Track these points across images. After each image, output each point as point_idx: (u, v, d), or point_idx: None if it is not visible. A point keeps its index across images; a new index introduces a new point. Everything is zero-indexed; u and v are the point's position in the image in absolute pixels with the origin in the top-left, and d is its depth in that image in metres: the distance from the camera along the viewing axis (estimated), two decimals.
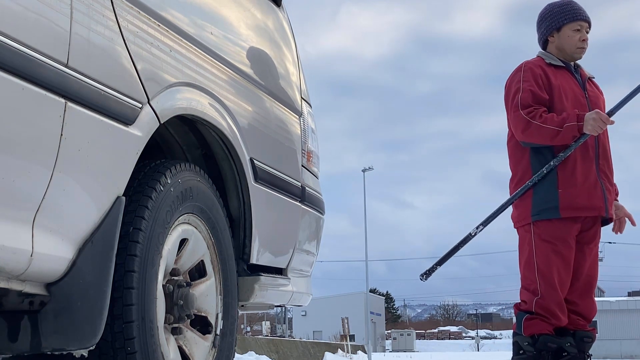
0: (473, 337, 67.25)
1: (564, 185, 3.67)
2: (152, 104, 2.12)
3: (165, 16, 2.26)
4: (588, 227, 3.74)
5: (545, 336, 3.67)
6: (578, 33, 3.78)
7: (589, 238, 3.74)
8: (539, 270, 3.67)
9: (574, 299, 3.73)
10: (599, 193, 3.68)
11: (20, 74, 1.63)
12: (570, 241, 3.68)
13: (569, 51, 3.81)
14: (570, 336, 3.69)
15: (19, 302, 1.91)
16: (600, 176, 3.71)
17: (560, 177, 3.68)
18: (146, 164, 2.24)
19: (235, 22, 2.81)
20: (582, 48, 3.80)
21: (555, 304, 3.66)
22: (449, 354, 41.84)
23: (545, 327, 3.68)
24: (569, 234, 3.68)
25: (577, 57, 3.83)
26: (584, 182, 3.68)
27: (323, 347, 22.07)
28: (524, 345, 3.70)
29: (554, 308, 3.66)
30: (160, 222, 2.18)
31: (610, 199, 3.74)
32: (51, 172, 1.75)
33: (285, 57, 3.24)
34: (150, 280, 2.12)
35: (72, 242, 1.86)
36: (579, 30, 3.78)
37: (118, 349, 2.03)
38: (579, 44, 3.78)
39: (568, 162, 3.67)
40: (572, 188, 3.66)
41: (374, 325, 47.84)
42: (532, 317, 3.70)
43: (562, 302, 3.67)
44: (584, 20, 3.80)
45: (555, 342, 3.66)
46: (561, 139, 3.62)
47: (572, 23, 3.78)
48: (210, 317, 2.54)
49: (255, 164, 2.76)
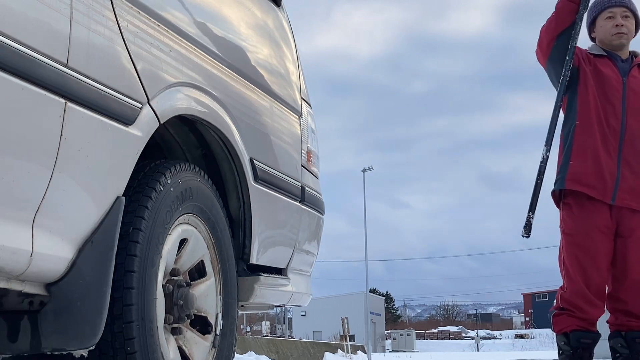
0: (473, 337, 67.21)
1: (577, 157, 3.62)
2: (152, 104, 2.12)
3: (165, 16, 2.26)
4: (626, 219, 3.58)
5: (577, 332, 3.57)
6: (611, 20, 3.70)
7: (628, 231, 3.57)
8: (563, 263, 3.63)
9: (622, 297, 3.58)
10: (610, 177, 3.56)
11: (20, 74, 1.63)
12: (591, 231, 3.56)
13: (606, 40, 3.72)
14: (621, 337, 3.58)
15: (19, 302, 1.91)
16: (620, 162, 3.58)
17: (574, 149, 3.64)
18: (146, 164, 2.24)
19: (235, 22, 2.81)
20: (619, 33, 3.68)
21: (579, 296, 3.55)
22: (449, 354, 41.84)
23: (574, 322, 3.57)
24: (589, 224, 3.57)
25: (617, 43, 3.70)
26: (596, 161, 3.58)
27: (323, 347, 22.06)
28: (562, 345, 3.62)
29: (578, 301, 3.56)
30: (160, 222, 2.18)
31: (625, 187, 3.57)
32: (51, 172, 1.75)
33: (285, 56, 3.24)
34: (150, 280, 2.12)
35: (72, 242, 1.86)
36: (612, 17, 3.70)
37: (118, 349, 2.03)
38: (612, 30, 3.69)
39: (588, 139, 3.61)
40: (584, 163, 3.60)
41: (373, 325, 47.84)
42: (559, 313, 3.63)
43: (587, 295, 3.53)
44: (616, 6, 3.71)
45: (590, 337, 3.55)
46: (559, 13, 3.61)
47: (603, 12, 3.73)
48: (210, 317, 2.54)
49: (255, 164, 2.76)
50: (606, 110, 3.63)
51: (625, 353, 3.56)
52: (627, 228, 3.59)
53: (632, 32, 3.75)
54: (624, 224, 3.59)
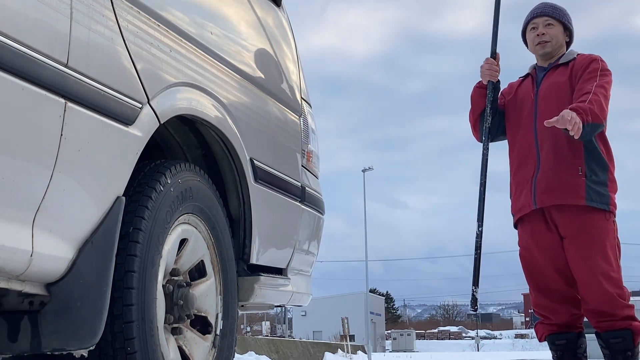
0: (473, 337, 67.21)
1: (512, 190, 3.77)
2: (152, 104, 2.12)
3: (165, 16, 2.26)
4: (557, 218, 3.58)
5: (550, 336, 3.66)
6: (533, 31, 3.78)
7: (563, 231, 3.57)
8: None
9: (583, 297, 3.56)
10: (527, 190, 3.63)
11: (20, 74, 1.63)
12: (528, 242, 3.65)
13: (533, 52, 3.82)
14: (600, 338, 3.58)
15: (19, 302, 1.91)
16: (538, 171, 3.60)
17: (511, 182, 3.79)
18: (146, 164, 2.24)
19: (235, 21, 2.81)
20: (540, 43, 3.74)
21: (539, 306, 3.68)
22: (449, 354, 41.83)
23: (546, 328, 3.67)
24: (525, 236, 3.67)
25: (541, 52, 3.76)
26: (517, 187, 3.70)
27: (323, 347, 22.06)
28: (550, 351, 3.71)
29: (541, 310, 3.68)
30: (160, 222, 2.18)
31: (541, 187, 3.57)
32: (51, 172, 1.75)
33: (285, 56, 3.24)
34: (150, 280, 2.12)
35: (72, 242, 1.86)
36: (535, 27, 3.78)
37: (118, 349, 2.03)
38: (535, 40, 3.76)
39: (514, 165, 3.74)
40: (512, 196, 3.76)
41: (373, 325, 47.82)
42: (537, 322, 3.76)
43: (544, 304, 3.64)
44: (538, 16, 3.78)
45: (562, 337, 3.62)
46: (474, 100, 3.82)
47: (527, 25, 3.83)
48: (210, 317, 2.54)
49: (255, 164, 2.76)
50: (522, 130, 3.70)
51: (607, 353, 3.59)
52: (562, 228, 3.58)
53: (559, 38, 3.75)
54: (559, 225, 3.59)
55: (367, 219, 34.96)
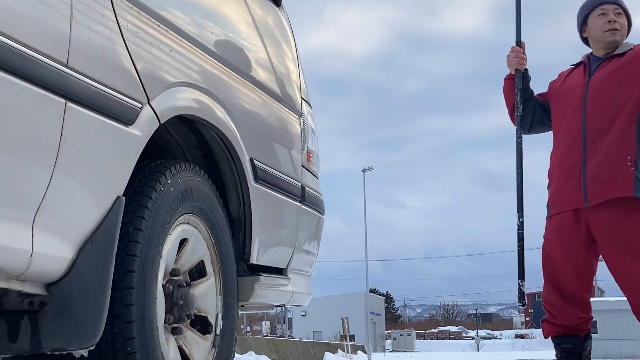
0: (473, 337, 67.21)
1: (551, 181, 3.69)
2: (152, 104, 2.12)
3: (165, 16, 2.26)
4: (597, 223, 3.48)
5: (556, 338, 3.62)
6: (603, 17, 3.68)
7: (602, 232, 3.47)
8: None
9: (631, 301, 3.48)
10: (575, 184, 3.52)
11: (20, 74, 1.63)
12: (551, 237, 3.59)
13: (598, 38, 3.69)
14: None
15: (19, 302, 1.91)
16: (586, 165, 3.51)
17: (549, 173, 3.71)
18: (146, 164, 2.24)
19: (235, 21, 2.81)
20: (612, 30, 3.63)
21: (549, 303, 3.62)
22: (449, 354, 41.84)
23: (553, 328, 3.62)
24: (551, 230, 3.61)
25: (610, 40, 3.65)
26: (560, 176, 3.60)
27: (323, 347, 22.07)
28: (555, 351, 3.66)
29: (549, 308, 3.63)
30: (160, 222, 2.18)
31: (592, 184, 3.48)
32: (51, 172, 1.75)
33: (285, 56, 3.24)
34: (150, 280, 2.12)
35: (72, 242, 1.86)
36: (604, 14, 3.67)
37: (118, 349, 2.03)
38: (605, 26, 3.65)
39: (557, 157, 3.66)
40: (553, 185, 3.65)
41: (374, 325, 47.84)
42: (544, 319, 3.70)
43: (554, 302, 3.57)
44: (608, 3, 3.68)
45: (569, 341, 3.58)
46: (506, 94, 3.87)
47: (595, 10, 3.71)
48: (210, 317, 2.54)
49: (255, 164, 2.76)
50: (569, 118, 3.63)
51: None
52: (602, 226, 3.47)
53: (625, 29, 3.70)
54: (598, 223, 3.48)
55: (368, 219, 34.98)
